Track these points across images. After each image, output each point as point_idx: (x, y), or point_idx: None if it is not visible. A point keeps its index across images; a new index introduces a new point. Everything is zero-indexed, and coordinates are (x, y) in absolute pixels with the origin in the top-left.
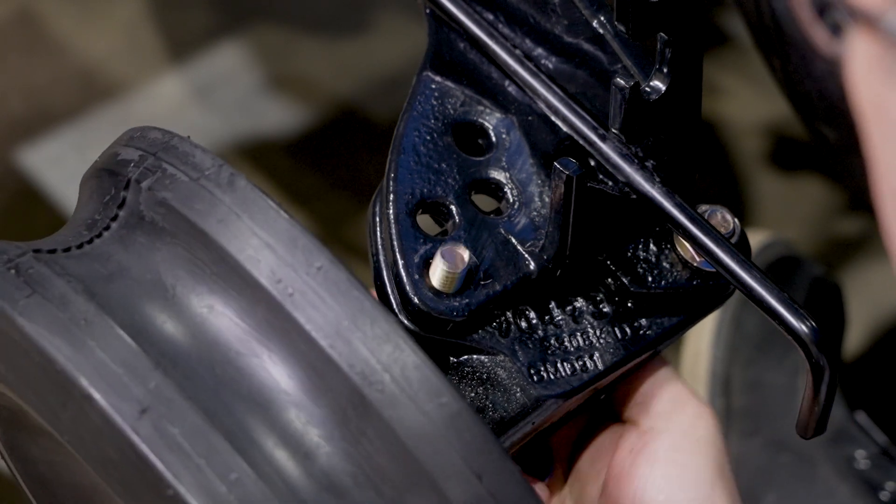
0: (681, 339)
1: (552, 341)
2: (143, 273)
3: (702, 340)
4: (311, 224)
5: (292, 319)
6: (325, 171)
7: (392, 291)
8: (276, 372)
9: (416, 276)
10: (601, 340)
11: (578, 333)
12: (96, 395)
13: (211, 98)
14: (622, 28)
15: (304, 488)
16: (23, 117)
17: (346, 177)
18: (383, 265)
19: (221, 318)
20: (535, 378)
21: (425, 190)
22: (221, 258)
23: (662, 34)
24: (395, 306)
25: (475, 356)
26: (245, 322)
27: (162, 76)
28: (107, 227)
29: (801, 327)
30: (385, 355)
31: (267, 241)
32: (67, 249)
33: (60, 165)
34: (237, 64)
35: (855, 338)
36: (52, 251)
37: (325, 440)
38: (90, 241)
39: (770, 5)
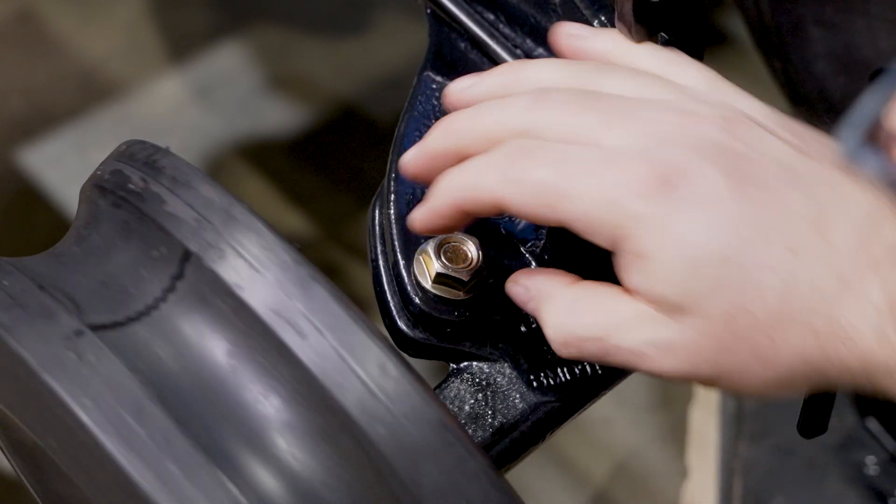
0: None
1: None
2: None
3: None
4: (311, 224)
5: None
6: (325, 171)
7: (393, 293)
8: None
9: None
10: None
11: None
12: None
13: (211, 98)
14: (623, 28)
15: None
16: (23, 117)
17: (346, 177)
18: (382, 267)
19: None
20: (534, 384)
21: (427, 190)
22: (304, 377)
23: (663, 34)
24: (395, 307)
25: (475, 363)
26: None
27: (162, 76)
28: (163, 299)
29: None
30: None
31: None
32: (123, 323)
33: (60, 165)
34: (237, 64)
35: None
36: (111, 326)
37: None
38: (147, 313)
39: (770, 5)
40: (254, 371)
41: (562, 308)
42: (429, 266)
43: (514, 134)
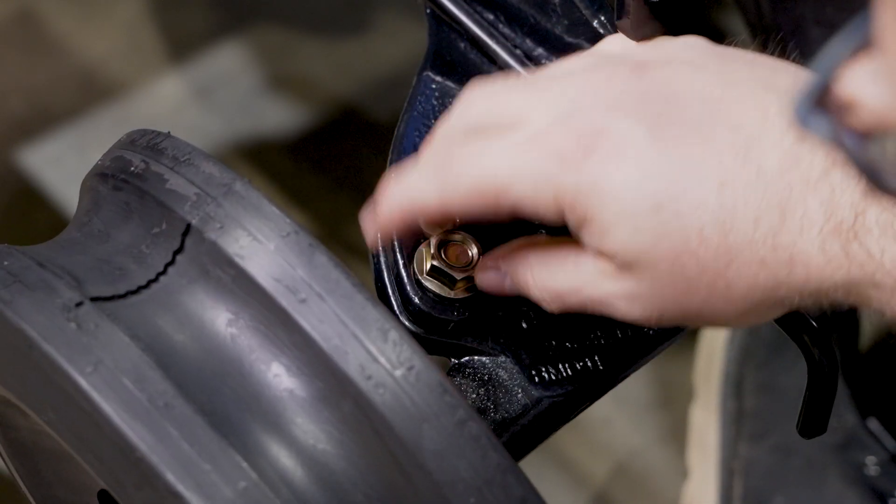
0: (695, 339)
1: (553, 342)
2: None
3: (716, 341)
4: (311, 224)
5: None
6: (325, 171)
7: (393, 292)
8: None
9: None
10: (602, 340)
11: (579, 333)
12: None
13: (211, 98)
14: (624, 27)
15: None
16: (23, 117)
17: (346, 177)
18: (384, 266)
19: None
20: (536, 379)
21: None
22: (305, 342)
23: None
24: (396, 307)
25: (477, 357)
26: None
27: (162, 76)
28: (163, 272)
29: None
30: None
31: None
32: (123, 296)
33: (60, 165)
34: (237, 64)
35: (868, 343)
36: (110, 298)
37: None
38: (147, 286)
39: (770, 5)
40: (254, 338)
41: (537, 268)
42: (426, 260)
43: (462, 130)
